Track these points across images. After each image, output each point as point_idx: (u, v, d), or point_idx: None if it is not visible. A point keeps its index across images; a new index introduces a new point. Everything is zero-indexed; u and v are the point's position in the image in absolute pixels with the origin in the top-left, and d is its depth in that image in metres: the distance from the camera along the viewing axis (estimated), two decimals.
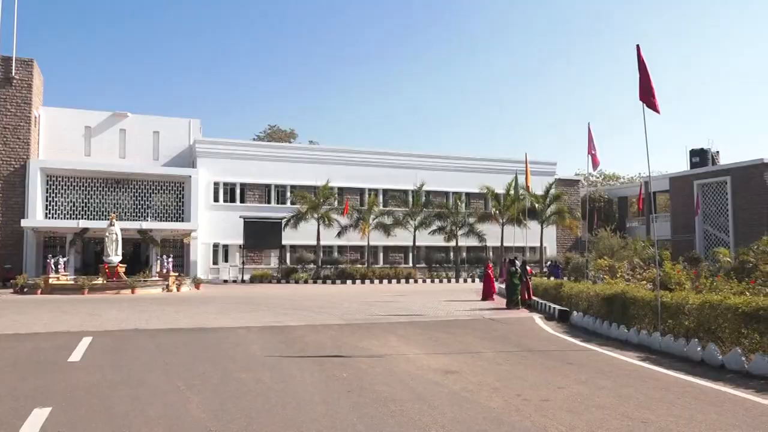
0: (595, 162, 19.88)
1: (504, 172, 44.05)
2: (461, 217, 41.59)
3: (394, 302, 20.85)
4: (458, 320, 15.23)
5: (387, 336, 12.08)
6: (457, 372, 8.43)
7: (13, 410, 6.25)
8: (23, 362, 9.04)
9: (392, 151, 45.63)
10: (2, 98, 34.46)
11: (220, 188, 39.85)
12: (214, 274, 38.60)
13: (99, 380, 7.77)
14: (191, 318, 15.31)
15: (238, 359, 9.40)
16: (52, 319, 15.02)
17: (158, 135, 40.11)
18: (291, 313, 16.53)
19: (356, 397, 6.93)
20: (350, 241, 40.11)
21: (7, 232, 33.97)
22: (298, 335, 12.13)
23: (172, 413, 6.20)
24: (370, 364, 8.95)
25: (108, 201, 37.30)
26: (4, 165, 34.25)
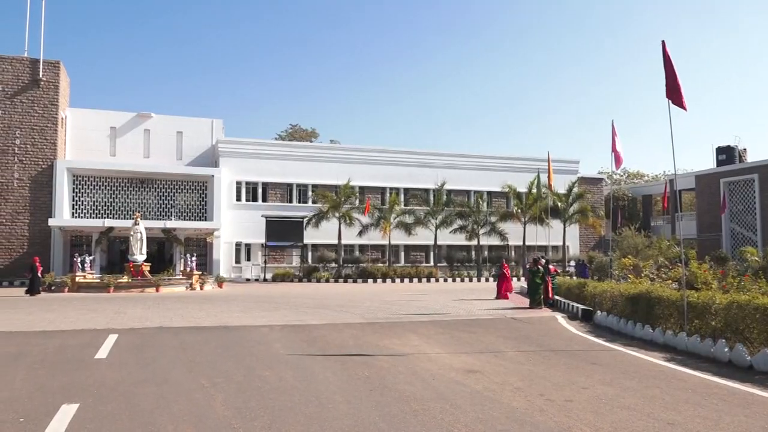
0: (619, 160, 19.64)
1: (526, 171, 43.75)
2: (483, 215, 41.41)
3: (415, 301, 20.83)
4: (480, 319, 15.16)
5: (408, 335, 12.07)
6: (479, 371, 8.40)
7: (42, 406, 6.37)
8: (51, 359, 9.20)
9: (413, 150, 45.60)
10: (30, 100, 35.12)
11: (242, 187, 40.17)
12: (236, 272, 38.93)
13: (125, 377, 7.88)
14: (214, 316, 15.45)
15: (260, 357, 9.47)
16: (79, 316, 15.27)
17: (182, 135, 40.56)
18: (313, 312, 16.60)
19: (378, 395, 6.94)
20: (371, 240, 40.15)
21: (35, 231, 34.62)
22: (319, 334, 12.18)
23: (197, 410, 6.27)
24: (392, 363, 8.95)
25: (133, 200, 37.82)
26: (32, 165, 34.91)
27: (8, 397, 6.74)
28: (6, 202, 34.38)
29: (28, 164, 34.83)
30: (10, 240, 34.34)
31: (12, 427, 5.64)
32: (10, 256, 34.24)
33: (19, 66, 35.15)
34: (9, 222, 34.40)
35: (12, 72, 34.95)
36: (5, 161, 34.52)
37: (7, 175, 34.45)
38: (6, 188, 34.42)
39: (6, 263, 34.09)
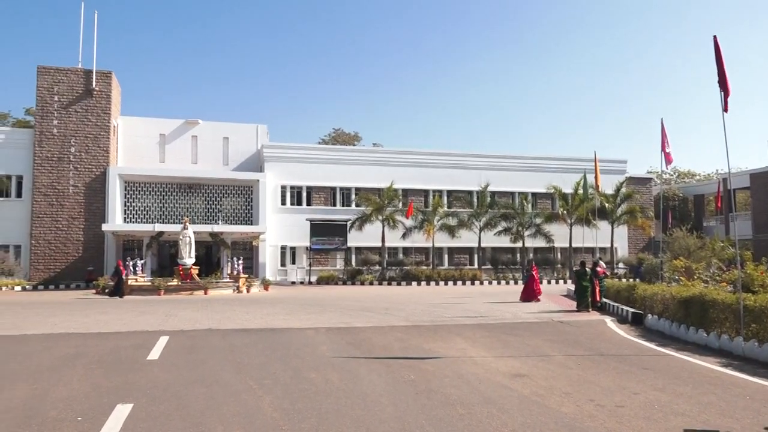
0: (669, 159, 19.13)
1: (572, 171, 43.02)
2: (528, 217, 40.89)
3: (459, 304, 20.71)
4: (526, 323, 14.97)
5: (453, 338, 12.01)
6: (526, 375, 8.29)
7: (99, 405, 6.58)
8: (107, 360, 9.49)
9: (456, 152, 45.43)
10: (84, 109, 36.41)
11: (287, 191, 40.70)
12: (281, 275, 39.44)
13: (176, 378, 8.07)
14: (261, 319, 15.68)
15: (307, 359, 9.56)
16: (131, 318, 15.71)
17: (228, 140, 41.39)
18: (357, 315, 16.68)
19: (424, 399, 6.93)
20: (415, 243, 40.11)
21: (89, 235, 35.85)
22: (364, 336, 12.23)
23: (246, 412, 6.37)
24: (437, 366, 8.92)
25: (181, 205, 38.76)
26: (86, 172, 36.17)
27: (67, 396, 6.99)
28: (62, 208, 35.70)
29: (83, 171, 36.09)
30: (66, 245, 35.63)
31: (71, 425, 5.85)
32: (66, 260, 35.52)
33: (73, 77, 36.49)
34: (65, 227, 35.70)
35: (67, 83, 36.30)
36: (61, 168, 35.85)
37: (63, 182, 35.78)
38: (62, 194, 35.74)
39: (63, 267, 35.39)
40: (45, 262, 35.25)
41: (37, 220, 35.42)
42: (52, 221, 35.57)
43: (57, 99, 36.06)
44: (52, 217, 35.57)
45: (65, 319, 15.50)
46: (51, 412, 6.29)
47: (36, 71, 36.16)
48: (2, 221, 34.80)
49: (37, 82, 36.02)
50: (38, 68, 36.18)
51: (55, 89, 36.09)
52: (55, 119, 35.98)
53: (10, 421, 5.97)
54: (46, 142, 35.80)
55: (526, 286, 22.60)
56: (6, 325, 13.98)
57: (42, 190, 35.57)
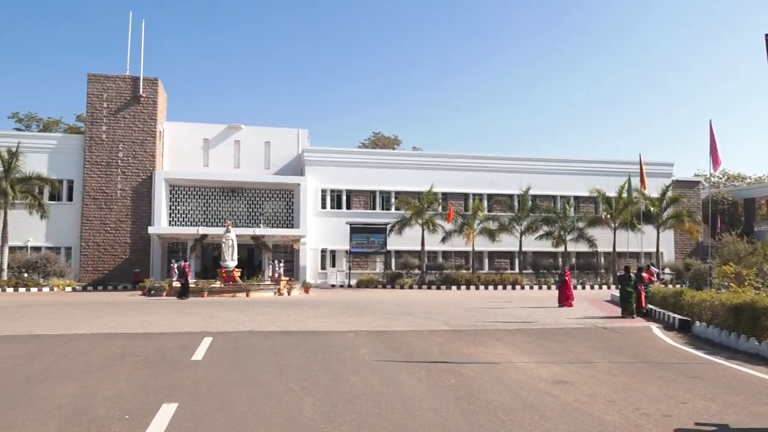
0: (717, 162, 18.60)
1: (616, 175, 42.23)
2: (570, 221, 40.23)
3: (500, 309, 20.50)
4: (568, 328, 14.72)
5: (494, 343, 11.90)
6: (568, 382, 8.15)
7: (145, 404, 6.74)
8: (152, 359, 9.72)
9: (496, 155, 45.05)
10: (131, 115, 37.47)
11: (327, 195, 41.02)
12: (322, 278, 39.74)
13: (219, 379, 8.21)
14: (302, 321, 15.83)
15: (347, 362, 9.60)
16: (176, 320, 16.06)
17: (269, 145, 41.98)
18: (397, 318, 16.67)
19: (465, 404, 6.88)
20: (455, 247, 39.89)
21: (136, 238, 36.82)
22: (404, 340, 12.21)
23: (287, 413, 6.43)
24: (478, 372, 8.84)
25: (224, 208, 39.46)
26: (133, 177, 37.18)
27: (115, 395, 7.18)
28: (111, 212, 36.77)
29: (130, 175, 37.11)
30: (114, 247, 36.67)
31: (118, 423, 6.00)
32: (114, 262, 36.55)
33: (121, 84, 37.58)
34: (113, 230, 36.75)
35: (115, 89, 37.41)
36: (110, 173, 36.94)
37: (112, 186, 36.86)
38: (110, 198, 36.82)
39: (110, 268, 36.42)
40: (94, 263, 36.34)
41: (86, 223, 36.56)
42: (101, 224, 36.66)
43: (106, 105, 37.19)
44: (101, 220, 36.67)
45: (113, 320, 15.94)
46: (100, 410, 6.47)
47: (86, 78, 37.36)
48: (54, 224, 36.02)
49: (87, 89, 37.23)
50: (88, 75, 37.39)
51: (104, 96, 37.23)
52: (104, 125, 37.11)
53: (61, 418, 6.16)
54: (95, 147, 36.95)
55: (560, 292, 22.20)
56: (58, 325, 14.46)
57: (91, 194, 36.70)
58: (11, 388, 7.59)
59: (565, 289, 21.94)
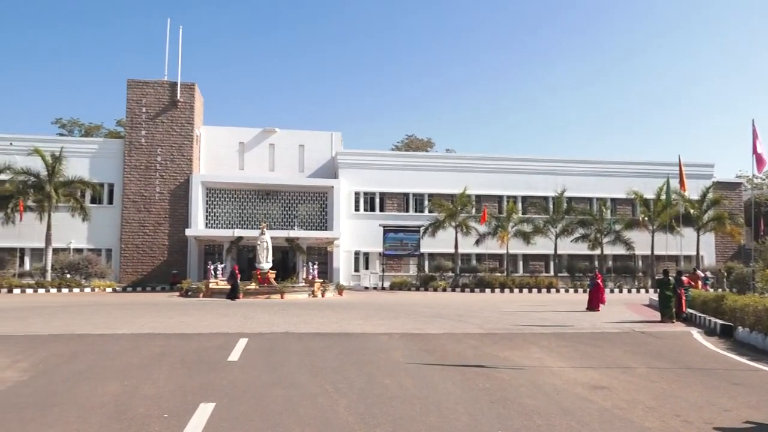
0: (761, 162, 18.06)
1: (653, 176, 41.40)
2: (606, 224, 39.59)
3: (535, 312, 20.26)
4: (605, 333, 14.46)
5: (529, 347, 11.76)
6: (606, 387, 8.00)
7: (183, 404, 6.85)
8: (190, 360, 9.88)
9: (531, 156, 44.62)
10: (169, 120, 38.23)
11: (360, 198, 41.17)
12: (355, 280, 39.88)
13: (255, 379, 8.30)
14: (336, 323, 15.89)
15: (381, 365, 9.60)
16: (212, 321, 16.29)
17: (303, 148, 42.36)
18: (430, 321, 16.62)
19: (500, 408, 6.81)
20: (488, 249, 39.61)
21: (173, 240, 37.54)
22: (438, 343, 12.16)
23: (322, 415, 6.47)
24: (513, 376, 8.75)
25: (259, 211, 39.95)
26: (171, 180, 37.93)
27: (154, 394, 7.32)
28: (149, 214, 37.56)
29: (168, 179, 37.86)
30: (152, 248, 37.43)
31: (158, 421, 6.12)
32: (152, 264, 37.31)
33: (160, 89, 38.39)
34: (152, 232, 37.53)
35: (154, 95, 38.22)
36: (148, 176, 37.75)
37: (150, 189, 37.65)
38: (149, 201, 37.62)
39: (149, 270, 37.19)
40: (133, 265, 37.15)
41: (126, 226, 37.41)
42: (140, 226, 37.47)
43: (145, 110, 38.02)
44: (140, 222, 37.47)
45: (151, 320, 16.25)
46: (140, 409, 6.60)
47: (126, 84, 38.26)
48: (96, 226, 36.94)
49: (126, 94, 38.12)
50: (128, 82, 38.30)
51: (143, 101, 38.07)
52: (143, 130, 37.94)
53: (103, 416, 6.31)
54: (134, 151, 37.80)
55: (591, 295, 21.75)
56: (100, 325, 14.81)
57: (131, 197, 37.55)
58: (55, 386, 7.81)
59: (596, 292, 21.51)
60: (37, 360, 9.74)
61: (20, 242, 36.09)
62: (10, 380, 8.13)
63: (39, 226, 34.40)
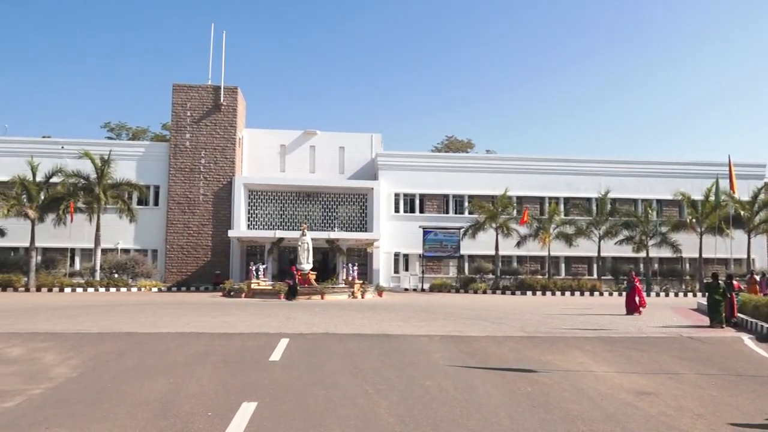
0: None
1: (701, 177, 40.24)
2: (652, 225, 38.60)
3: (577, 315, 19.92)
4: (651, 337, 14.10)
5: (572, 351, 11.56)
6: (652, 394, 7.81)
7: (226, 402, 6.97)
8: (233, 359, 10.04)
9: (573, 157, 43.88)
10: (213, 123, 38.97)
11: (400, 199, 41.18)
12: (395, 282, 39.90)
13: (296, 379, 8.38)
14: (376, 324, 15.92)
15: (421, 367, 9.58)
16: (254, 321, 16.52)
17: (343, 150, 42.61)
18: (471, 323, 16.50)
19: (542, 413, 6.72)
20: (530, 251, 39.10)
21: (216, 241, 38.22)
22: (479, 346, 12.07)
23: (363, 415, 6.49)
24: (556, 380, 8.62)
25: (300, 213, 40.35)
26: (214, 182, 38.64)
27: (198, 392, 7.46)
28: (193, 216, 38.34)
29: (211, 181, 38.58)
30: (196, 249, 38.20)
31: (202, 419, 6.24)
32: (196, 264, 38.06)
33: (204, 93, 39.17)
34: (196, 233, 38.30)
35: (198, 99, 39.02)
36: (192, 179, 38.54)
37: (194, 191, 38.43)
38: (193, 203, 38.40)
39: (193, 270, 37.95)
40: (178, 265, 37.96)
41: (171, 227, 38.26)
42: (184, 228, 38.27)
43: (189, 114, 38.84)
44: (184, 223, 38.28)
45: (195, 319, 16.58)
46: (184, 406, 6.74)
47: (171, 89, 39.15)
48: (142, 228, 37.88)
49: (172, 98, 39.01)
50: (173, 86, 39.18)
51: (188, 105, 38.90)
52: (187, 133, 38.76)
53: (149, 413, 6.46)
54: (179, 154, 38.65)
55: (628, 298, 21.17)
56: (146, 324, 15.19)
57: (176, 199, 38.39)
58: (104, 382, 8.03)
59: (633, 295, 20.91)
60: (87, 357, 10.04)
61: (71, 243, 37.25)
62: (62, 376, 8.40)
63: (88, 227, 35.46)
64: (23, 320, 15.83)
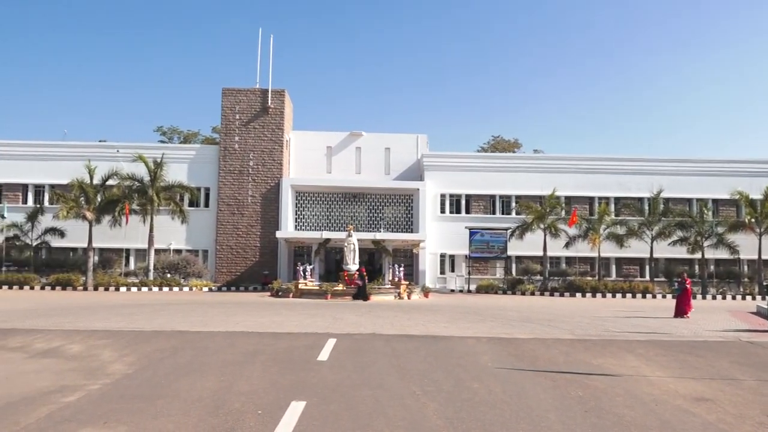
0: None
1: (760, 175, 38.85)
2: (707, 226, 37.36)
3: (629, 318, 19.43)
4: (708, 342, 13.63)
5: (624, 354, 11.27)
6: (710, 400, 7.53)
7: (275, 401, 7.05)
8: (281, 358, 10.17)
9: (624, 156, 42.92)
10: (261, 126, 39.63)
11: (446, 200, 41.01)
12: (441, 283, 39.74)
13: (344, 379, 8.42)
14: (422, 325, 15.88)
15: (468, 369, 9.50)
16: (301, 320, 16.70)
17: (389, 151, 42.70)
18: (518, 325, 16.29)
19: (594, 418, 6.57)
20: (579, 252, 38.36)
21: (264, 242, 38.85)
22: (527, 348, 11.89)
23: (411, 417, 6.47)
24: (608, 384, 8.41)
25: (346, 213, 40.64)
26: (262, 184, 39.29)
27: (248, 391, 7.58)
28: (242, 217, 39.07)
29: (259, 183, 39.25)
30: (245, 250, 38.91)
31: (252, 417, 6.33)
32: (245, 265, 38.77)
33: (252, 96, 39.88)
34: (245, 234, 39.01)
35: (246, 102, 39.75)
36: (241, 181, 39.27)
37: (243, 193, 39.16)
38: (242, 204, 39.13)
39: (242, 270, 38.67)
40: (227, 265, 38.75)
41: (221, 228, 39.09)
42: (234, 229, 39.03)
43: (238, 117, 39.61)
44: (234, 225, 39.04)
45: (245, 319, 16.88)
46: (235, 404, 6.86)
47: (221, 93, 40.00)
48: (193, 229, 38.84)
49: (221, 102, 39.85)
50: (223, 90, 40.04)
51: (237, 108, 39.67)
52: (236, 136, 39.53)
53: (201, 410, 6.60)
54: (229, 156, 39.45)
55: (678, 301, 20.48)
56: (197, 323, 15.55)
57: (225, 201, 39.20)
58: (159, 379, 8.26)
59: (684, 297, 20.24)
60: (142, 354, 10.34)
61: (126, 243, 38.49)
62: (118, 373, 8.67)
63: (142, 228, 36.55)
64: (82, 318, 16.42)
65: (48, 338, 12.12)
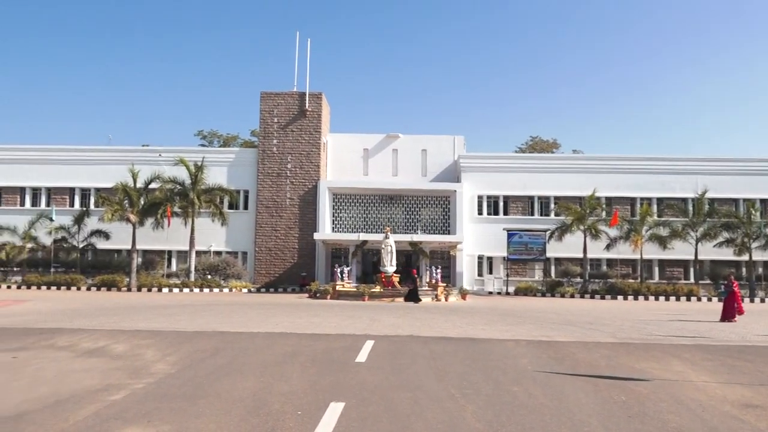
0: None
1: None
2: (755, 227, 36.19)
3: (673, 321, 18.95)
4: (757, 346, 13.19)
5: (669, 359, 10.99)
6: (760, 406, 7.29)
7: (315, 402, 7.10)
8: (320, 359, 10.23)
9: (666, 156, 41.92)
10: (299, 129, 40.03)
11: (483, 201, 40.72)
12: (478, 285, 39.46)
13: (382, 381, 8.43)
14: (460, 328, 15.79)
15: (508, 371, 9.40)
16: (339, 322, 16.79)
17: (426, 153, 42.61)
18: (558, 328, 16.05)
19: (638, 423, 6.42)
20: (620, 254, 37.61)
21: (302, 244, 39.20)
22: (568, 351, 11.70)
23: (449, 419, 6.43)
24: (651, 389, 8.21)
25: (383, 215, 40.71)
26: (300, 186, 39.67)
27: (288, 391, 7.65)
28: (281, 219, 39.51)
29: (297, 185, 39.63)
30: (284, 252, 39.33)
31: (292, 418, 6.39)
32: (283, 266, 39.19)
33: (290, 100, 40.31)
34: (283, 236, 39.44)
35: (285, 105, 40.20)
36: (279, 183, 39.72)
37: (281, 195, 39.60)
38: (281, 206, 39.57)
39: (280, 272, 39.10)
40: (266, 267, 39.23)
41: (259, 230, 39.60)
42: (272, 230, 39.50)
43: (276, 120, 40.09)
44: (272, 227, 39.51)
45: (283, 320, 17.05)
46: (275, 405, 6.93)
47: (259, 96, 40.55)
48: (233, 231, 39.46)
49: (260, 106, 40.39)
50: (261, 94, 40.56)
51: (275, 111, 40.16)
52: (274, 139, 40.01)
53: (242, 409, 6.69)
54: (267, 159, 39.95)
55: (725, 304, 19.84)
56: (237, 324, 15.78)
57: (264, 203, 39.70)
58: (200, 379, 8.40)
59: (732, 301, 19.64)
60: (184, 354, 10.53)
61: (168, 245, 39.33)
62: (162, 372, 8.85)
63: (184, 230, 37.29)
64: (127, 318, 16.84)
65: (94, 338, 12.46)
